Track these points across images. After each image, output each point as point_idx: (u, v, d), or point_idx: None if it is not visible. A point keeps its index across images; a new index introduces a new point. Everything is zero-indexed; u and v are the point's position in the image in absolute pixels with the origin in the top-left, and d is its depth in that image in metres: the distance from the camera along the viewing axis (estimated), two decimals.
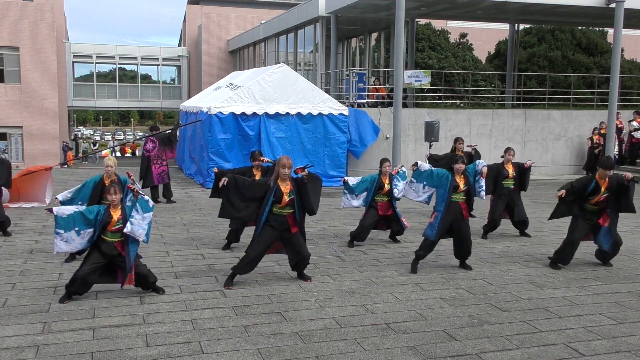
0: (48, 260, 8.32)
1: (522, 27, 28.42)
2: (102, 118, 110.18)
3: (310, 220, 10.37)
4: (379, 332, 5.82)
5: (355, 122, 17.23)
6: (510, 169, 10.24)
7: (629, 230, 10.99)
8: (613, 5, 18.11)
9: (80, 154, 43.05)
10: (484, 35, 37.39)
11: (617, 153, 19.43)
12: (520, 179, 10.31)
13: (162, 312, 6.28)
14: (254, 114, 15.91)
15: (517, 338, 5.72)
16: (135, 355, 5.21)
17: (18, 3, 30.26)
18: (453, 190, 7.84)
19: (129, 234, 6.43)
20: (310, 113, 16.39)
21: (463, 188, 7.90)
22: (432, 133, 16.91)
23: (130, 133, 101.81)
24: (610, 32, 24.39)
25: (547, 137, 19.99)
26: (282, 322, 6.05)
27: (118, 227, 6.48)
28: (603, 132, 18.87)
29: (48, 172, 13.09)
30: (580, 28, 30.54)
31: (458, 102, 26.73)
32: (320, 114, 16.51)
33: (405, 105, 19.89)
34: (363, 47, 28.21)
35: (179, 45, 46.01)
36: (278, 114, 16.08)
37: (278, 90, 16.18)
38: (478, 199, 8.94)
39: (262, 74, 16.77)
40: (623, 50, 26.16)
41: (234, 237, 9.14)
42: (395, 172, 9.57)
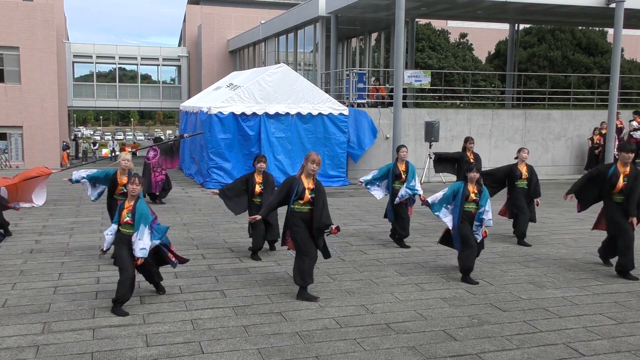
0: (48, 260, 8.32)
1: (522, 27, 28.42)
2: (102, 118, 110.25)
3: None
4: (379, 332, 5.82)
5: (355, 123, 17.22)
6: (524, 170, 9.83)
7: None
8: (613, 5, 18.11)
9: (80, 154, 43.10)
10: (484, 35, 37.40)
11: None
12: (529, 184, 9.87)
13: (162, 312, 6.28)
14: (254, 114, 15.91)
15: (517, 338, 5.72)
16: (135, 355, 5.21)
17: (18, 3, 30.26)
18: (465, 200, 7.61)
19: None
20: (310, 113, 16.39)
21: (474, 198, 7.61)
22: (432, 133, 16.92)
23: (130, 133, 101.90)
24: (610, 32, 24.40)
25: (547, 137, 19.99)
26: (282, 322, 6.05)
27: (127, 219, 6.44)
28: (604, 132, 18.88)
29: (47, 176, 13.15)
30: (580, 28, 30.54)
31: (458, 102, 26.73)
32: (320, 114, 16.50)
33: (405, 105, 19.89)
34: (363, 47, 28.22)
35: (179, 45, 46.04)
36: (278, 114, 16.08)
37: (278, 90, 16.18)
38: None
39: (262, 74, 16.77)
40: (623, 50, 26.17)
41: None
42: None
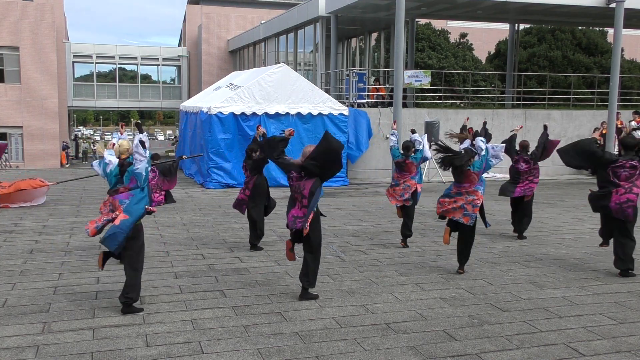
0: (48, 260, 8.32)
1: (522, 27, 28.42)
2: (102, 118, 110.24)
3: None
4: (379, 332, 5.82)
5: (354, 123, 17.23)
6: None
7: None
8: (613, 5, 18.12)
9: (80, 154, 43.10)
10: (484, 35, 37.39)
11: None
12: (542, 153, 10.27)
13: (162, 312, 6.28)
14: (254, 114, 15.91)
15: (517, 338, 5.72)
16: (135, 355, 5.21)
17: (18, 3, 30.26)
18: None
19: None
20: (310, 113, 16.39)
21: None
22: (432, 133, 16.93)
23: (131, 133, 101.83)
24: (610, 32, 24.39)
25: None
26: (282, 322, 6.05)
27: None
28: (604, 132, 18.87)
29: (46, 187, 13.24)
30: (580, 28, 30.53)
31: (458, 102, 26.72)
32: (320, 114, 16.51)
33: (405, 105, 19.89)
34: (363, 47, 28.21)
35: (179, 45, 46.02)
36: (278, 114, 16.09)
37: (278, 90, 16.18)
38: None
39: (262, 74, 16.78)
40: (623, 50, 26.16)
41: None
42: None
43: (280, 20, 27.90)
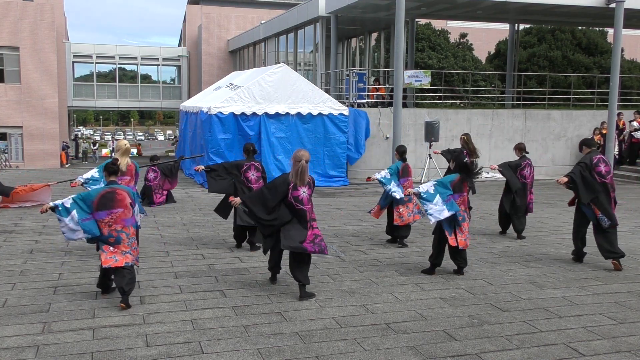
0: (48, 260, 8.32)
1: (522, 27, 28.42)
2: (102, 118, 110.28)
3: None
4: (379, 332, 5.82)
5: (354, 124, 17.24)
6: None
7: (629, 230, 10.99)
8: (613, 5, 18.11)
9: (80, 154, 43.10)
10: (484, 35, 37.39)
11: (617, 153, 19.44)
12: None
13: (162, 312, 6.28)
14: (254, 114, 15.91)
15: (517, 338, 5.72)
16: (135, 355, 5.21)
17: (18, 3, 30.26)
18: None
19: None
20: (310, 113, 16.39)
21: None
22: (432, 133, 16.94)
23: (130, 133, 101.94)
24: (610, 32, 24.39)
25: (547, 137, 20.00)
26: (282, 322, 6.05)
27: None
28: (604, 132, 18.87)
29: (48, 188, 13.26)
30: (580, 28, 30.54)
31: (458, 102, 26.73)
32: (320, 114, 16.51)
33: (405, 105, 19.89)
34: (363, 47, 28.22)
35: (179, 45, 46.03)
36: (278, 114, 16.09)
37: (278, 90, 16.18)
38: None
39: (262, 74, 16.78)
40: (623, 50, 26.17)
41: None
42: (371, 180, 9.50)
43: (280, 20, 27.91)
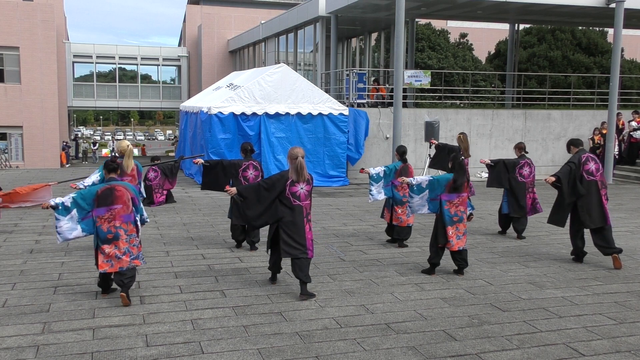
0: (48, 260, 8.32)
1: (522, 27, 28.42)
2: (102, 118, 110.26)
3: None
4: (379, 332, 5.82)
5: (353, 124, 17.24)
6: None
7: (629, 230, 10.99)
8: (613, 5, 18.12)
9: (80, 154, 43.11)
10: (484, 35, 37.39)
11: (617, 153, 19.44)
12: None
13: (162, 312, 6.28)
14: (254, 114, 15.91)
15: (517, 338, 5.72)
16: (135, 355, 5.21)
17: (18, 3, 30.26)
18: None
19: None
20: (310, 113, 16.40)
21: None
22: (432, 133, 16.91)
23: (130, 133, 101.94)
24: (610, 32, 24.39)
25: (547, 137, 20.00)
26: (282, 322, 6.05)
27: None
28: (604, 132, 18.87)
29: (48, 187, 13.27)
30: (580, 28, 30.54)
31: (458, 102, 26.73)
32: (320, 114, 16.52)
33: (405, 105, 19.90)
34: (363, 47, 28.22)
35: (179, 45, 46.03)
36: (278, 114, 16.09)
37: (278, 90, 16.18)
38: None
39: (262, 74, 16.78)
40: (623, 50, 26.18)
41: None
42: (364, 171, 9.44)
43: (280, 21, 27.91)
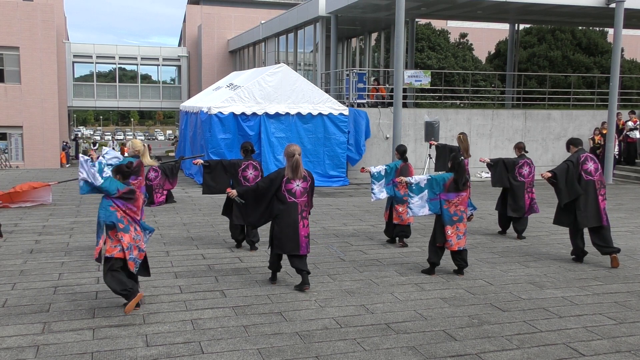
0: (48, 260, 8.32)
1: (522, 27, 28.41)
2: (102, 118, 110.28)
3: (311, 220, 10.36)
4: (379, 332, 5.82)
5: (354, 124, 17.24)
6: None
7: (629, 230, 10.99)
8: (613, 5, 18.12)
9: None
10: (484, 35, 37.38)
11: (617, 153, 19.44)
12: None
13: (162, 312, 6.28)
14: (254, 114, 15.91)
15: (517, 338, 5.72)
16: (135, 355, 5.21)
17: (18, 3, 30.25)
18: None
19: None
20: (310, 113, 16.39)
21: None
22: (432, 133, 16.92)
23: (130, 133, 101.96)
24: (610, 32, 24.39)
25: (547, 137, 19.99)
26: (282, 322, 6.05)
27: None
28: (604, 132, 18.87)
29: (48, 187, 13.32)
30: (580, 28, 30.53)
31: (458, 102, 26.73)
32: (320, 114, 16.51)
33: (405, 105, 19.90)
34: (363, 47, 28.21)
35: (179, 45, 46.01)
36: (278, 114, 16.09)
37: (278, 90, 16.18)
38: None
39: (262, 74, 16.78)
40: (623, 50, 26.17)
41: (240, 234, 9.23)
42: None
43: (280, 21, 27.90)
